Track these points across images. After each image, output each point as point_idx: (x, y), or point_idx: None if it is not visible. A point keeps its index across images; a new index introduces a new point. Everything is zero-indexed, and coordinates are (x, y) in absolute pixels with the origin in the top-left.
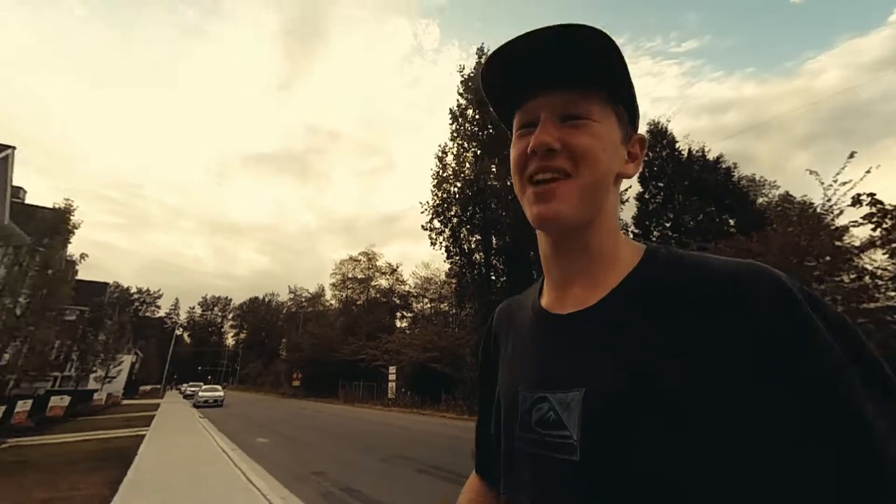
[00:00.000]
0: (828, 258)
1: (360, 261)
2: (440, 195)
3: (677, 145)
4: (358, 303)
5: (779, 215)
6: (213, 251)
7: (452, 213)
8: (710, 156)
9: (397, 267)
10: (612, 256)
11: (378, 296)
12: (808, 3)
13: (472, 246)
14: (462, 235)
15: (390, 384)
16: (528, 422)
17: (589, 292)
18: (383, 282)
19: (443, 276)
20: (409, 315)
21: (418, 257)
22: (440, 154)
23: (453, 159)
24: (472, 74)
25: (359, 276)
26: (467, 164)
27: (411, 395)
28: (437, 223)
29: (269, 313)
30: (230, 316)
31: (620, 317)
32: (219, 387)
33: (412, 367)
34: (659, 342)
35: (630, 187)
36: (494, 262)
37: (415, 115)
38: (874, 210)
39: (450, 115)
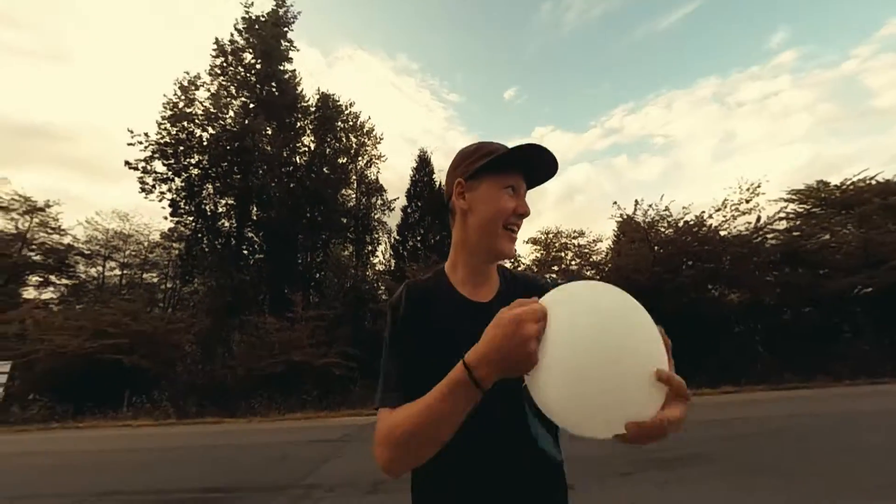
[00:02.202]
0: None
1: None
2: (174, 133)
3: (434, 175)
4: None
5: None
6: None
7: (193, 161)
8: None
9: (47, 205)
10: (495, 271)
11: None
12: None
13: (220, 210)
14: (205, 193)
15: None
16: None
17: (489, 291)
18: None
19: (155, 237)
20: (65, 282)
21: (96, 203)
22: (185, 84)
23: (209, 99)
24: (263, 19)
25: None
26: (231, 112)
27: (45, 404)
28: (160, 166)
29: None
30: None
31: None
32: None
33: (60, 361)
34: None
35: (398, 198)
36: (250, 234)
37: (133, 10)
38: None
39: (215, 48)
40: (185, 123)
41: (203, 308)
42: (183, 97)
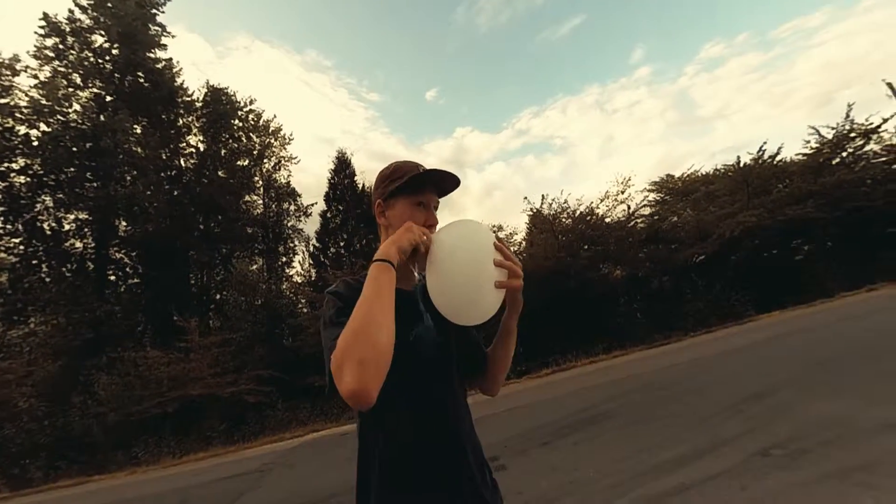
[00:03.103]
0: None
1: None
2: None
3: (356, 178)
4: None
5: None
6: None
7: (16, 166)
8: None
9: None
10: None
11: None
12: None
13: (66, 227)
14: (40, 207)
15: None
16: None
17: (410, 283)
18: None
19: None
20: None
21: None
22: None
23: (38, 87)
24: None
25: None
26: (76, 106)
27: None
28: None
29: None
30: None
31: (425, 295)
32: None
33: None
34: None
35: (315, 203)
36: (118, 255)
37: None
38: None
39: (42, 24)
40: None
41: (46, 352)
42: None
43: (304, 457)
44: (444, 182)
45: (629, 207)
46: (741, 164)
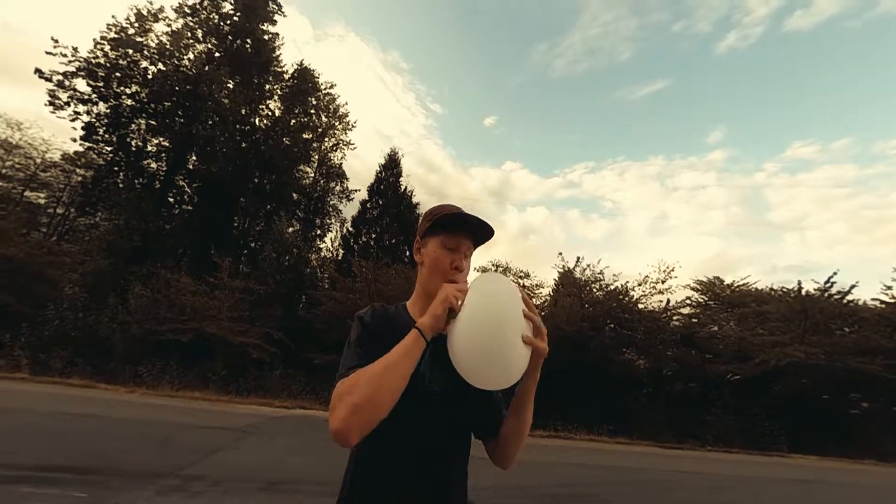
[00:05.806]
0: None
1: None
2: (112, 55)
3: (401, 178)
4: None
5: None
6: None
7: (129, 90)
8: (414, 199)
9: None
10: None
11: None
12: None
13: (148, 148)
14: (134, 127)
15: None
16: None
17: None
18: None
19: (54, 156)
20: None
21: None
22: (144, 13)
23: (169, 35)
24: None
25: None
26: (190, 55)
27: None
28: (83, 85)
29: None
30: None
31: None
32: None
33: None
34: None
35: (359, 190)
36: (182, 183)
37: None
38: None
39: None
40: (131, 52)
41: (101, 246)
42: (136, 24)
43: (286, 430)
44: (477, 229)
45: (668, 301)
46: (802, 292)
